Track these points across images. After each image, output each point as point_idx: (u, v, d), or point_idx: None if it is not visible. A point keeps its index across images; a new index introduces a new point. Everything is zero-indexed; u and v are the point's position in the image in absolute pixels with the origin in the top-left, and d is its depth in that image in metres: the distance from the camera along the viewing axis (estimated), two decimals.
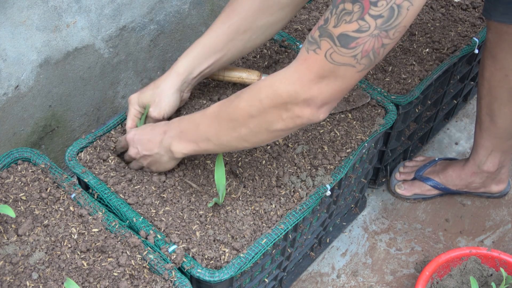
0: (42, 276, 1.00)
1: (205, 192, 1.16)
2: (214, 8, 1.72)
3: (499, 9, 1.20)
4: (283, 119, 0.96)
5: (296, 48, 1.46)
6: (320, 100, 0.93)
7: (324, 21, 0.89)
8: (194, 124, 1.06)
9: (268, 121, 0.97)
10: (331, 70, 0.89)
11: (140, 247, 1.05)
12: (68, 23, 1.32)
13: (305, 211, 1.13)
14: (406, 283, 1.46)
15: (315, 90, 0.91)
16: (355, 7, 0.85)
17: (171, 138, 1.08)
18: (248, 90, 0.99)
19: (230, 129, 1.01)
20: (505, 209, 1.63)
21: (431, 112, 1.63)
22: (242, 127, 0.99)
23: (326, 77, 0.90)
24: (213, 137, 1.03)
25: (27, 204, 1.11)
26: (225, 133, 1.02)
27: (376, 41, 0.86)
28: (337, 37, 0.87)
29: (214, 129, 1.03)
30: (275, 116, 0.96)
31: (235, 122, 1.00)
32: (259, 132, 0.99)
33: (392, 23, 0.85)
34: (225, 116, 1.01)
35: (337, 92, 0.93)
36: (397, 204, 1.63)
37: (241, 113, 0.98)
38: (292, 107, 0.94)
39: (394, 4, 0.83)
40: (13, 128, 1.34)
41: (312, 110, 0.94)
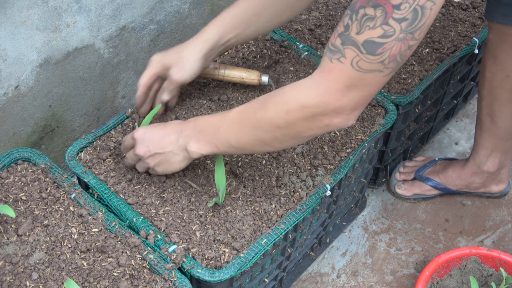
0: (42, 276, 1.00)
1: (205, 192, 1.16)
2: (214, 8, 1.72)
3: (500, 10, 1.20)
4: (311, 129, 0.95)
5: (296, 48, 1.46)
6: (349, 108, 0.92)
7: (344, 28, 0.87)
8: (213, 127, 1.04)
9: (296, 131, 0.96)
10: (358, 78, 0.88)
11: (140, 247, 1.05)
12: (68, 23, 1.32)
13: (305, 211, 1.13)
14: (406, 283, 1.46)
15: (344, 100, 0.90)
16: (378, 12, 0.83)
17: (189, 138, 1.06)
18: (272, 99, 0.97)
19: (254, 136, 1.00)
20: (505, 209, 1.63)
21: (431, 112, 1.63)
22: (267, 135, 0.99)
23: (355, 86, 0.89)
24: (235, 141, 1.02)
25: (27, 204, 1.11)
26: (248, 139, 1.01)
27: (402, 44, 0.85)
28: (362, 44, 0.85)
29: (236, 135, 1.02)
30: (303, 127, 0.95)
31: (260, 131, 0.99)
32: (285, 140, 0.99)
33: (416, 24, 0.84)
34: (248, 124, 1.00)
35: (366, 98, 0.92)
36: (397, 204, 1.63)
37: (267, 122, 0.97)
38: (321, 118, 0.93)
39: (417, 6, 0.82)
40: (13, 128, 1.34)
41: (342, 118, 0.93)
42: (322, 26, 1.55)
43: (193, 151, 1.06)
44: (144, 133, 1.10)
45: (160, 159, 1.09)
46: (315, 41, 1.50)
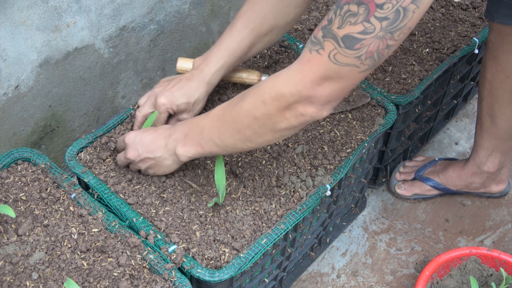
0: (42, 276, 1.00)
1: (205, 192, 1.16)
2: (214, 8, 1.72)
3: (501, 10, 1.21)
4: (286, 118, 0.96)
5: (296, 48, 1.46)
6: (323, 99, 0.93)
7: (327, 21, 0.89)
8: (198, 127, 1.06)
9: (272, 121, 0.97)
10: (334, 70, 0.90)
11: (140, 247, 1.05)
12: (68, 23, 1.32)
13: (305, 211, 1.13)
14: (406, 283, 1.46)
15: (318, 90, 0.92)
16: (361, 9, 0.85)
17: (176, 142, 1.07)
18: (250, 91, 0.99)
19: (235, 131, 1.01)
20: (505, 209, 1.63)
21: (431, 112, 1.63)
22: (246, 128, 1.00)
23: (330, 77, 0.90)
24: (218, 139, 1.03)
25: (27, 204, 1.11)
26: (229, 135, 1.02)
27: (381, 42, 0.86)
28: (341, 38, 0.87)
29: (218, 132, 1.03)
30: (278, 116, 0.96)
31: (239, 124, 1.00)
32: (263, 132, 1.00)
33: (397, 25, 0.85)
34: (228, 119, 1.01)
35: (340, 91, 0.93)
36: (397, 204, 1.63)
37: (245, 114, 0.99)
38: (295, 106, 0.94)
39: (400, 7, 0.83)
40: (13, 128, 1.34)
41: (315, 108, 0.94)
42: None
43: (181, 155, 1.08)
44: (135, 137, 1.12)
45: (151, 163, 1.11)
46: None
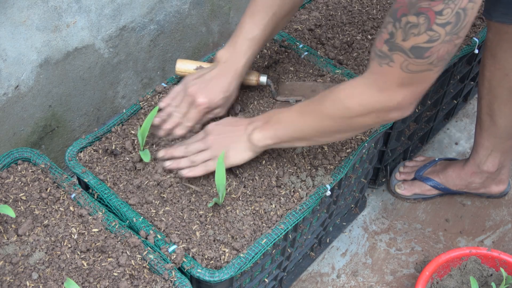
0: (42, 276, 1.00)
1: (205, 192, 1.16)
2: (214, 8, 1.72)
3: (499, 9, 1.21)
4: (369, 124, 1.03)
5: (296, 48, 1.46)
6: (405, 103, 0.98)
7: (389, 35, 0.90)
8: (277, 117, 1.11)
9: (354, 125, 1.05)
10: (409, 78, 0.93)
11: (140, 247, 1.05)
12: (68, 23, 1.32)
13: (305, 211, 1.13)
14: (406, 283, 1.46)
15: (397, 98, 0.96)
16: (421, 19, 0.85)
17: (255, 127, 1.12)
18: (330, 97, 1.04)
19: (315, 127, 1.07)
20: (505, 209, 1.63)
21: (431, 112, 1.63)
22: (326, 128, 1.07)
23: (406, 84, 0.94)
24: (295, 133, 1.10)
25: (27, 204, 1.11)
26: (308, 130, 1.09)
27: (448, 45, 0.88)
28: (409, 50, 0.89)
29: (298, 125, 1.09)
30: (361, 121, 1.03)
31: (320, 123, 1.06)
32: (343, 132, 1.08)
33: (460, 25, 0.86)
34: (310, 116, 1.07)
35: (420, 92, 0.97)
36: (397, 204, 1.63)
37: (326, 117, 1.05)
38: (379, 114, 1.00)
39: (460, 9, 0.84)
40: (13, 128, 1.34)
41: (397, 113, 1.00)
42: (322, 26, 1.55)
43: (255, 140, 1.12)
44: (216, 125, 1.16)
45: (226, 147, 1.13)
46: (315, 41, 1.50)
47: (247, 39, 1.20)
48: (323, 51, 1.48)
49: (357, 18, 1.57)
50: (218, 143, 1.14)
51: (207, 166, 1.13)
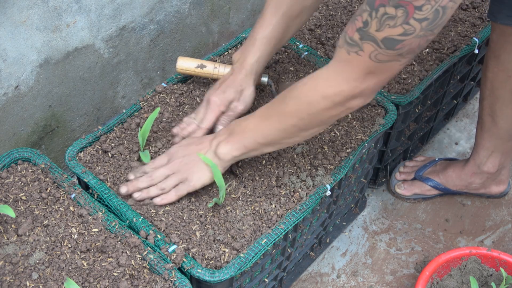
0: (42, 276, 1.00)
1: (205, 192, 1.16)
2: (214, 8, 1.72)
3: (504, 11, 1.21)
4: (333, 114, 1.02)
5: (296, 48, 1.46)
6: (368, 92, 0.98)
7: (363, 24, 0.90)
8: (240, 127, 1.09)
9: (320, 119, 1.03)
10: (376, 67, 0.93)
11: (140, 247, 1.05)
12: (68, 23, 1.32)
13: (305, 211, 1.13)
14: (406, 283, 1.46)
15: (362, 86, 0.96)
16: (399, 12, 0.85)
17: (219, 141, 1.10)
18: (293, 93, 1.03)
19: (280, 130, 1.06)
20: (505, 209, 1.63)
21: (431, 112, 1.63)
22: (292, 128, 1.04)
23: (372, 73, 0.94)
24: (261, 138, 1.07)
25: (27, 204, 1.11)
26: (274, 134, 1.07)
27: (421, 40, 0.88)
28: (381, 41, 0.89)
29: (262, 131, 1.07)
30: (326, 115, 1.01)
31: (285, 124, 1.04)
32: (310, 128, 1.05)
33: (436, 23, 0.86)
34: (273, 119, 1.06)
35: (383, 82, 0.97)
36: (397, 204, 1.63)
37: (290, 116, 1.03)
38: (342, 104, 0.99)
39: (439, 7, 0.84)
40: (13, 128, 1.34)
41: (361, 100, 1.00)
42: (322, 26, 1.55)
43: (222, 153, 1.09)
44: (179, 147, 1.14)
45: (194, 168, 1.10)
46: (315, 41, 1.50)
47: (257, 39, 1.21)
48: (323, 51, 1.48)
49: None
50: (184, 164, 1.10)
51: (179, 191, 1.10)
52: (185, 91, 1.33)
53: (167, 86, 1.33)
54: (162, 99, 1.31)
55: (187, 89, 1.34)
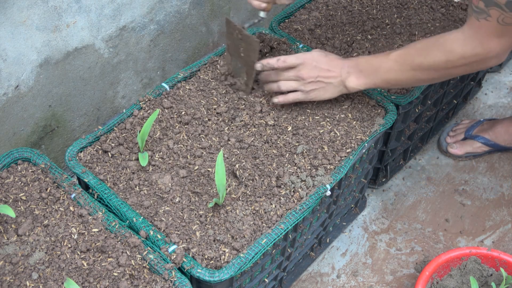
0: (42, 276, 1.00)
1: (205, 192, 1.16)
2: (214, 8, 1.72)
3: None
4: (467, 71, 1.17)
5: (296, 48, 1.46)
6: (501, 52, 1.11)
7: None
8: (373, 67, 1.24)
9: (452, 73, 1.19)
10: (505, 30, 1.06)
11: (140, 247, 1.05)
12: (68, 23, 1.32)
13: (305, 211, 1.13)
14: (406, 283, 1.46)
15: (498, 47, 1.10)
16: None
17: (349, 74, 1.25)
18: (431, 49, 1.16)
19: (414, 77, 1.21)
20: (505, 209, 1.63)
21: (431, 112, 1.63)
22: (424, 76, 1.20)
23: (503, 35, 1.08)
24: (393, 80, 1.24)
25: (27, 204, 1.11)
26: (406, 79, 1.22)
27: None
28: (504, 5, 1.02)
29: (395, 75, 1.22)
30: (460, 71, 1.16)
31: (419, 73, 1.19)
32: (439, 78, 1.22)
33: None
34: (408, 67, 1.20)
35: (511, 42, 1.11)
36: (397, 204, 1.63)
37: (427, 67, 1.17)
38: (479, 63, 1.13)
39: None
40: (13, 128, 1.34)
41: (497, 59, 1.13)
42: (322, 26, 1.55)
43: (351, 87, 1.26)
44: (312, 60, 1.26)
45: (320, 87, 1.26)
46: (315, 41, 1.50)
47: None
48: None
49: (357, 18, 1.57)
50: (309, 80, 1.25)
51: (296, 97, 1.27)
52: (185, 91, 1.33)
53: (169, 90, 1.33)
54: (161, 101, 1.31)
55: (187, 89, 1.34)
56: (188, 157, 1.21)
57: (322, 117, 1.31)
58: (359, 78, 1.25)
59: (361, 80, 1.25)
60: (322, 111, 1.32)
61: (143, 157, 1.18)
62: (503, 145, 1.69)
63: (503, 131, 1.67)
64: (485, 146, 1.70)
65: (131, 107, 1.28)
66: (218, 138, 1.25)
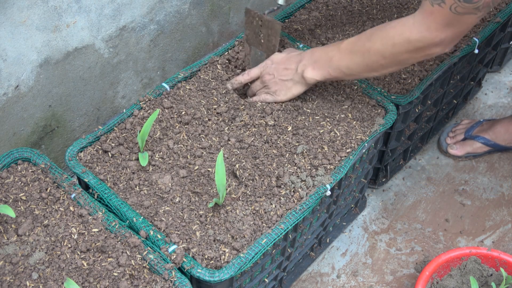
0: (42, 276, 1.00)
1: (205, 192, 1.16)
2: (214, 8, 1.72)
3: None
4: (414, 57, 1.16)
5: (296, 48, 1.46)
6: (447, 41, 1.11)
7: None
8: (327, 56, 1.24)
9: (400, 60, 1.17)
10: (455, 19, 1.07)
11: (140, 247, 1.05)
12: (68, 23, 1.32)
13: (305, 211, 1.13)
14: (406, 283, 1.46)
15: (442, 35, 1.09)
16: None
17: (305, 66, 1.26)
18: (378, 34, 1.17)
19: (363, 64, 1.20)
20: (505, 209, 1.63)
21: (431, 112, 1.63)
22: (374, 63, 1.19)
23: (451, 24, 1.08)
24: (345, 68, 1.23)
25: (27, 204, 1.11)
26: (357, 67, 1.22)
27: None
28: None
29: (347, 63, 1.22)
30: (407, 57, 1.16)
31: (368, 59, 1.19)
32: (389, 66, 1.20)
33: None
34: (358, 54, 1.20)
35: (461, 33, 1.11)
36: (397, 204, 1.63)
37: (374, 53, 1.17)
38: (423, 50, 1.13)
39: None
40: (13, 128, 1.34)
41: (440, 49, 1.13)
42: (322, 26, 1.55)
43: (308, 77, 1.27)
44: (271, 63, 1.32)
45: (281, 85, 1.30)
46: (315, 41, 1.50)
47: None
48: None
49: (357, 18, 1.57)
50: (272, 82, 1.30)
51: (266, 98, 1.32)
52: (185, 91, 1.33)
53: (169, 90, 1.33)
54: (161, 101, 1.31)
55: (187, 89, 1.34)
56: (188, 157, 1.21)
57: (322, 117, 1.31)
58: (315, 69, 1.26)
59: (316, 70, 1.25)
60: (322, 111, 1.32)
61: (143, 157, 1.18)
62: (503, 145, 1.69)
63: (503, 131, 1.67)
64: (485, 146, 1.69)
65: (131, 107, 1.28)
66: (218, 138, 1.25)
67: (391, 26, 1.16)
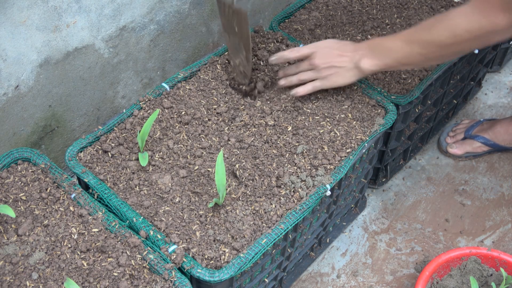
0: (42, 276, 1.00)
1: (205, 192, 1.16)
2: (214, 8, 1.72)
3: None
4: (474, 46, 1.18)
5: None
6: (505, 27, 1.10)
7: None
8: (385, 47, 1.25)
9: (460, 49, 1.18)
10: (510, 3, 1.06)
11: (140, 247, 1.05)
12: (68, 23, 1.32)
13: (305, 211, 1.13)
14: (406, 283, 1.46)
15: (500, 21, 1.09)
16: None
17: (362, 56, 1.26)
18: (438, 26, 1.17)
19: (422, 55, 1.20)
20: (505, 209, 1.63)
21: (431, 112, 1.63)
22: (432, 53, 1.19)
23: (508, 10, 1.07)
24: (404, 59, 1.23)
25: (27, 204, 1.11)
26: (415, 58, 1.22)
27: None
28: None
29: (406, 54, 1.22)
30: (467, 46, 1.16)
31: (427, 50, 1.19)
32: (448, 56, 1.23)
33: None
34: (417, 45, 1.20)
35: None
36: (397, 204, 1.63)
37: (435, 44, 1.17)
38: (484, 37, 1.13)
39: None
40: (13, 128, 1.34)
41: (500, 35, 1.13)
42: (322, 26, 1.55)
43: (365, 68, 1.26)
44: (324, 46, 1.30)
45: (334, 72, 1.28)
46: (315, 41, 1.50)
47: None
48: None
49: (357, 18, 1.57)
50: (324, 67, 1.28)
51: (315, 86, 1.30)
52: (185, 91, 1.33)
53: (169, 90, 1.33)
54: (161, 101, 1.31)
55: (187, 89, 1.34)
56: (188, 157, 1.21)
57: (322, 117, 1.31)
58: (373, 59, 1.25)
59: (374, 61, 1.25)
60: (322, 111, 1.32)
61: (143, 157, 1.18)
62: (503, 145, 1.69)
63: (502, 131, 1.67)
64: (484, 146, 1.70)
65: (131, 107, 1.28)
66: (218, 138, 1.25)
67: (448, 17, 1.16)
